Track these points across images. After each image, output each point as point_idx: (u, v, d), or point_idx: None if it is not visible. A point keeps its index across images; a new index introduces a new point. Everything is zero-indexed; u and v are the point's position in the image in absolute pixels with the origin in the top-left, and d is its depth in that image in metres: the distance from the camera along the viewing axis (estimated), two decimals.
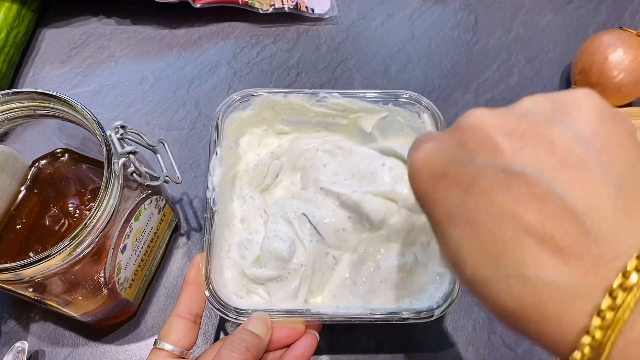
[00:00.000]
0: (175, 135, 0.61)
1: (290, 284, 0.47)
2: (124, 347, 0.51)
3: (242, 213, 0.51)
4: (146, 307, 0.52)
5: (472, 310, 0.53)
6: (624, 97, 0.60)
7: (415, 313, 0.44)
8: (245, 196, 0.52)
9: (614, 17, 0.70)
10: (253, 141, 0.55)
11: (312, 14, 0.68)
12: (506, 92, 0.65)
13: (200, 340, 0.51)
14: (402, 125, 0.56)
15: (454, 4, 0.71)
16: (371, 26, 0.70)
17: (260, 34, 0.68)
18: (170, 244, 0.55)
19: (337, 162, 0.51)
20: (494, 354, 0.51)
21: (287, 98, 0.53)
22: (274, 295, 0.47)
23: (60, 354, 0.50)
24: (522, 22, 0.70)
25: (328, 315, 0.44)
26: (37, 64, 0.65)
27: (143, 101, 0.63)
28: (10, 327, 0.51)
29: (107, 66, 0.65)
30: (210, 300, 0.44)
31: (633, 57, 0.58)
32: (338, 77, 0.66)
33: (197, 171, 0.59)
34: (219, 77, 0.65)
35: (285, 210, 0.49)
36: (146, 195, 0.44)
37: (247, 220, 0.51)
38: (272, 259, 0.47)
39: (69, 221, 0.46)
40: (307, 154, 0.53)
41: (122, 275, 0.45)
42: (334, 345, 0.51)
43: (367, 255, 0.49)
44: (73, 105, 0.40)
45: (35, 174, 0.48)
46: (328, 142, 0.53)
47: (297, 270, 0.47)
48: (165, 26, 0.68)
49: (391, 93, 0.53)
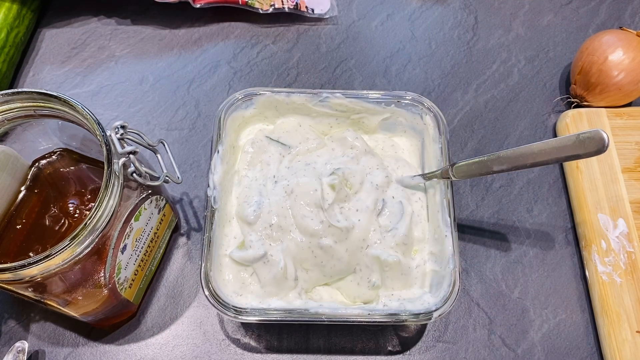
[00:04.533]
0: (175, 135, 0.61)
1: (277, 264, 0.47)
2: (124, 347, 0.51)
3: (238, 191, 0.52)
4: (146, 307, 0.52)
5: (472, 310, 0.53)
6: (624, 97, 0.60)
7: (414, 315, 0.44)
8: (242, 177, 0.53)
9: (614, 17, 0.70)
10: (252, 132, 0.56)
11: (312, 14, 0.68)
12: (506, 92, 0.65)
13: (200, 340, 0.51)
14: (404, 127, 0.56)
15: (454, 4, 0.71)
16: (371, 26, 0.70)
17: (260, 34, 0.68)
18: (170, 244, 0.55)
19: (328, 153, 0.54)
20: (494, 354, 0.51)
21: (290, 97, 0.53)
22: (265, 280, 0.47)
23: (60, 354, 0.50)
24: (522, 22, 0.70)
25: (327, 315, 0.44)
26: (37, 64, 0.65)
27: (143, 101, 0.63)
28: (10, 327, 0.51)
29: (107, 66, 0.65)
30: (209, 299, 0.44)
31: (633, 57, 0.58)
32: (338, 77, 0.66)
33: (197, 171, 0.59)
34: (219, 77, 0.65)
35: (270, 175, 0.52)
36: (146, 195, 0.44)
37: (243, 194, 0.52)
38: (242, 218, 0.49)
39: (69, 221, 0.46)
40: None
41: (122, 275, 0.45)
42: (333, 346, 0.51)
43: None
44: (73, 105, 0.40)
45: (35, 174, 0.48)
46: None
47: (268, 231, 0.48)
48: (165, 26, 0.68)
49: (394, 94, 0.54)
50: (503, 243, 0.56)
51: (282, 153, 0.53)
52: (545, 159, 0.41)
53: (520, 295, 0.54)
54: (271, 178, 0.51)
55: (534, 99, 0.65)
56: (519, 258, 0.56)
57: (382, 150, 0.56)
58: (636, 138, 0.60)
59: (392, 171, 0.53)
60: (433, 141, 0.52)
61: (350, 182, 0.50)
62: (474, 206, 0.58)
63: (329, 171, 0.50)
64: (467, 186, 0.59)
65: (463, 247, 0.56)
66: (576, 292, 0.54)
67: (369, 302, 0.48)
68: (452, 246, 0.47)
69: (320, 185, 0.48)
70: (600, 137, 0.37)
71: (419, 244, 0.51)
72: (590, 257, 0.54)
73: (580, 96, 0.62)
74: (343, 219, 0.48)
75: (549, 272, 0.55)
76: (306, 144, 0.54)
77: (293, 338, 0.51)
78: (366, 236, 0.48)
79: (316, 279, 0.48)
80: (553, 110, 0.64)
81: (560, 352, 0.52)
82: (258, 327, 0.52)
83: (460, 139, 0.62)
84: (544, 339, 0.52)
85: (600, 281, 0.52)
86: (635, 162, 0.58)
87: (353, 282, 0.49)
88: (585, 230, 0.55)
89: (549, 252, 0.56)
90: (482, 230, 0.57)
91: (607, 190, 0.56)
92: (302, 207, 0.48)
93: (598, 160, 0.58)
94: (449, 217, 0.48)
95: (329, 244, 0.47)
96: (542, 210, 0.58)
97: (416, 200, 0.52)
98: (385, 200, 0.50)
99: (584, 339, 0.52)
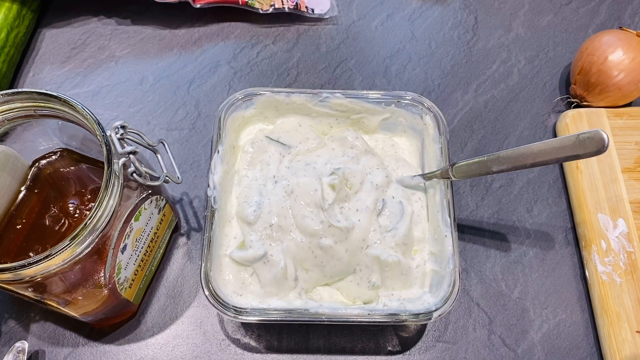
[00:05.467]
0: (175, 135, 0.61)
1: (277, 264, 0.47)
2: (124, 347, 0.51)
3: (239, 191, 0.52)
4: (146, 307, 0.52)
5: (472, 310, 0.53)
6: (624, 97, 0.60)
7: (414, 315, 0.44)
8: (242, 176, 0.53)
9: (613, 17, 0.70)
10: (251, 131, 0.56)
11: (312, 14, 0.68)
12: (506, 92, 0.65)
13: (200, 340, 0.51)
14: (404, 127, 0.56)
15: (454, 4, 0.71)
16: (371, 26, 0.70)
17: (260, 34, 0.68)
18: (170, 244, 0.55)
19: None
20: (494, 354, 0.51)
21: (290, 97, 0.53)
22: (265, 280, 0.47)
23: (60, 354, 0.50)
24: (522, 22, 0.70)
25: (327, 315, 0.44)
26: (38, 64, 0.65)
27: (143, 101, 0.63)
28: (10, 327, 0.51)
29: (107, 66, 0.65)
30: (209, 299, 0.44)
31: (633, 57, 0.58)
32: (338, 77, 0.66)
33: (197, 171, 0.59)
34: (219, 77, 0.65)
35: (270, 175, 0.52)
36: (146, 195, 0.44)
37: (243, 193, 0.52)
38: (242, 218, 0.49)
39: (69, 221, 0.46)
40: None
41: (122, 275, 0.45)
42: (333, 346, 0.51)
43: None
44: (73, 105, 0.40)
45: (35, 174, 0.48)
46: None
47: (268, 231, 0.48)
48: (165, 26, 0.68)
49: (394, 94, 0.54)
50: (503, 243, 0.56)
51: (282, 153, 0.53)
52: (545, 159, 0.41)
53: (520, 295, 0.54)
54: (271, 178, 0.51)
55: (534, 99, 0.65)
56: (519, 258, 0.56)
57: (382, 150, 0.56)
58: (636, 138, 0.60)
59: (392, 171, 0.53)
60: (433, 141, 0.52)
61: (350, 182, 0.50)
62: (474, 206, 0.58)
63: (329, 171, 0.50)
64: (467, 186, 0.59)
65: (463, 247, 0.56)
66: (576, 292, 0.54)
67: (369, 302, 0.48)
68: (452, 246, 0.47)
69: (320, 185, 0.48)
70: (600, 137, 0.37)
71: (419, 244, 0.51)
72: (590, 257, 0.54)
73: (580, 96, 0.62)
74: (343, 219, 0.48)
75: (549, 272, 0.55)
76: (306, 144, 0.54)
77: (293, 338, 0.51)
78: (366, 236, 0.48)
79: (316, 279, 0.48)
80: (553, 110, 0.64)
81: (560, 352, 0.52)
82: (258, 327, 0.52)
83: (460, 139, 0.62)
84: (544, 339, 0.52)
85: (600, 281, 0.52)
86: (635, 162, 0.58)
87: (353, 282, 0.49)
88: (585, 230, 0.55)
89: (549, 252, 0.56)
90: (482, 230, 0.57)
91: (607, 190, 0.56)
92: (302, 207, 0.48)
93: (598, 160, 0.58)
94: (449, 217, 0.48)
95: (329, 244, 0.47)
96: (542, 210, 0.58)
97: (416, 200, 0.52)
98: (385, 200, 0.50)
99: (584, 339, 0.52)
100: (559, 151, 0.40)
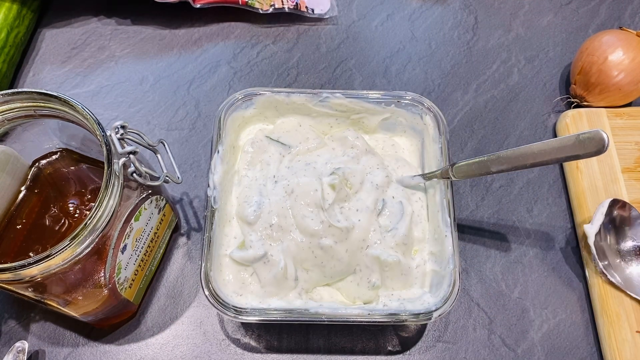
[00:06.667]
0: (175, 135, 0.61)
1: (277, 264, 0.47)
2: (124, 347, 0.51)
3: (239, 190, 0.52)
4: (146, 307, 0.52)
5: (472, 310, 0.53)
6: (624, 97, 0.60)
7: (414, 315, 0.44)
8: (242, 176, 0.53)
9: (613, 17, 0.70)
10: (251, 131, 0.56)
11: (312, 14, 0.68)
12: (506, 92, 0.65)
13: (200, 340, 0.51)
14: (404, 127, 0.56)
15: (454, 4, 0.71)
16: (371, 26, 0.70)
17: (260, 34, 0.68)
18: (170, 244, 0.55)
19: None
20: (494, 354, 0.51)
21: (290, 97, 0.53)
22: (265, 280, 0.47)
23: (60, 354, 0.50)
24: (522, 22, 0.70)
25: (327, 315, 0.44)
26: (38, 64, 0.65)
27: (143, 101, 0.63)
28: (10, 327, 0.51)
29: (107, 66, 0.65)
30: (209, 299, 0.44)
31: (633, 57, 0.58)
32: (338, 77, 0.66)
33: (197, 171, 0.59)
34: (219, 77, 0.65)
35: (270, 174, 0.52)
36: (146, 195, 0.44)
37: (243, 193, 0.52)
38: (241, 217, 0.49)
39: (69, 221, 0.46)
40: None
41: (122, 275, 0.45)
42: (333, 346, 0.51)
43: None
44: (73, 105, 0.40)
45: (35, 174, 0.48)
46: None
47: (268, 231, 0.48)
48: (165, 26, 0.68)
49: (394, 94, 0.54)
50: (503, 243, 0.56)
51: (282, 153, 0.53)
52: (545, 159, 0.41)
53: (520, 295, 0.54)
54: (271, 178, 0.51)
55: (534, 99, 0.65)
56: (519, 258, 0.56)
57: (382, 150, 0.56)
58: (636, 138, 0.60)
59: (392, 171, 0.53)
60: (433, 141, 0.52)
61: (350, 182, 0.50)
62: (474, 206, 0.58)
63: (329, 171, 0.50)
64: (467, 186, 0.59)
65: (463, 247, 0.56)
66: (576, 292, 0.54)
67: (369, 302, 0.48)
68: (452, 246, 0.47)
69: (320, 185, 0.48)
70: (600, 137, 0.37)
71: (419, 244, 0.51)
72: (590, 257, 0.54)
73: (580, 96, 0.62)
74: (343, 219, 0.48)
75: (549, 272, 0.55)
76: (306, 144, 0.54)
77: (293, 338, 0.51)
78: (366, 236, 0.48)
79: (316, 279, 0.48)
80: (553, 110, 0.64)
81: (560, 352, 0.52)
82: (258, 327, 0.52)
83: (460, 139, 0.62)
84: (544, 339, 0.52)
85: (600, 281, 0.52)
86: (635, 162, 0.58)
87: (353, 282, 0.49)
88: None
89: (549, 252, 0.56)
90: (482, 230, 0.57)
91: (607, 190, 0.56)
92: (303, 207, 0.48)
93: (598, 160, 0.58)
94: (449, 217, 0.48)
95: (329, 244, 0.47)
96: (542, 210, 0.58)
97: (416, 200, 0.52)
98: (386, 200, 0.50)
99: (584, 339, 0.52)
100: (559, 151, 0.40)
